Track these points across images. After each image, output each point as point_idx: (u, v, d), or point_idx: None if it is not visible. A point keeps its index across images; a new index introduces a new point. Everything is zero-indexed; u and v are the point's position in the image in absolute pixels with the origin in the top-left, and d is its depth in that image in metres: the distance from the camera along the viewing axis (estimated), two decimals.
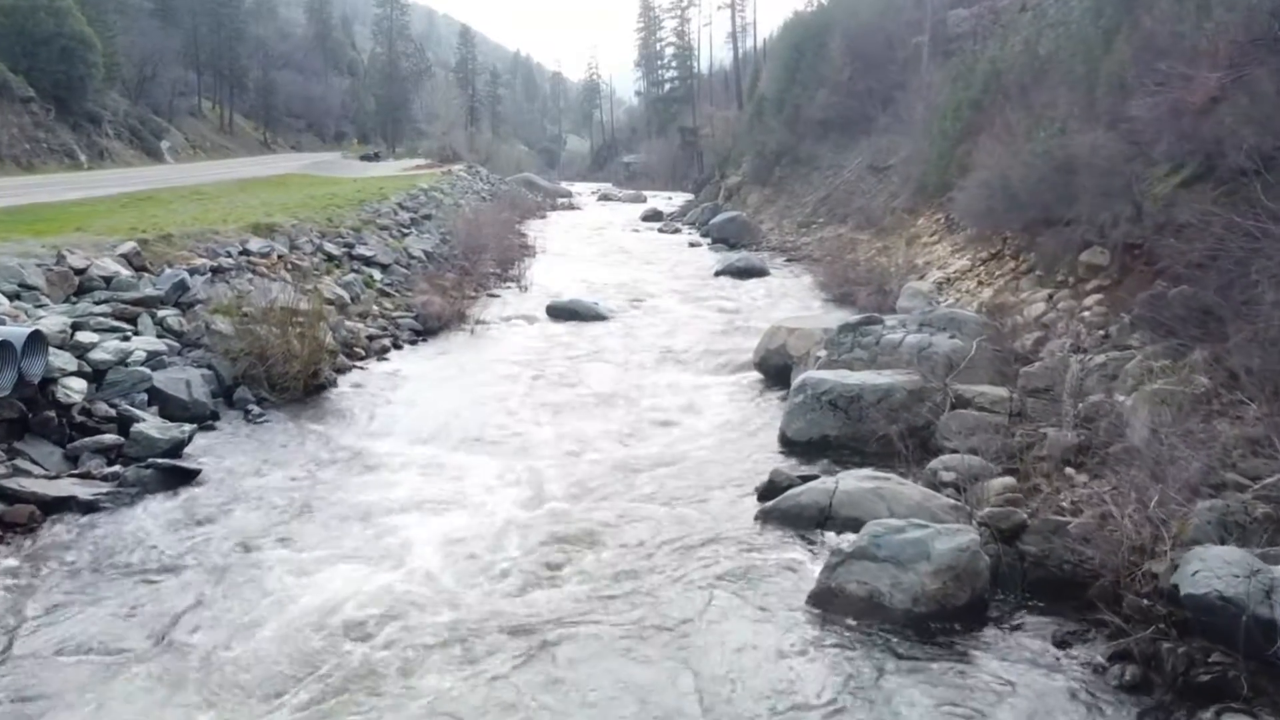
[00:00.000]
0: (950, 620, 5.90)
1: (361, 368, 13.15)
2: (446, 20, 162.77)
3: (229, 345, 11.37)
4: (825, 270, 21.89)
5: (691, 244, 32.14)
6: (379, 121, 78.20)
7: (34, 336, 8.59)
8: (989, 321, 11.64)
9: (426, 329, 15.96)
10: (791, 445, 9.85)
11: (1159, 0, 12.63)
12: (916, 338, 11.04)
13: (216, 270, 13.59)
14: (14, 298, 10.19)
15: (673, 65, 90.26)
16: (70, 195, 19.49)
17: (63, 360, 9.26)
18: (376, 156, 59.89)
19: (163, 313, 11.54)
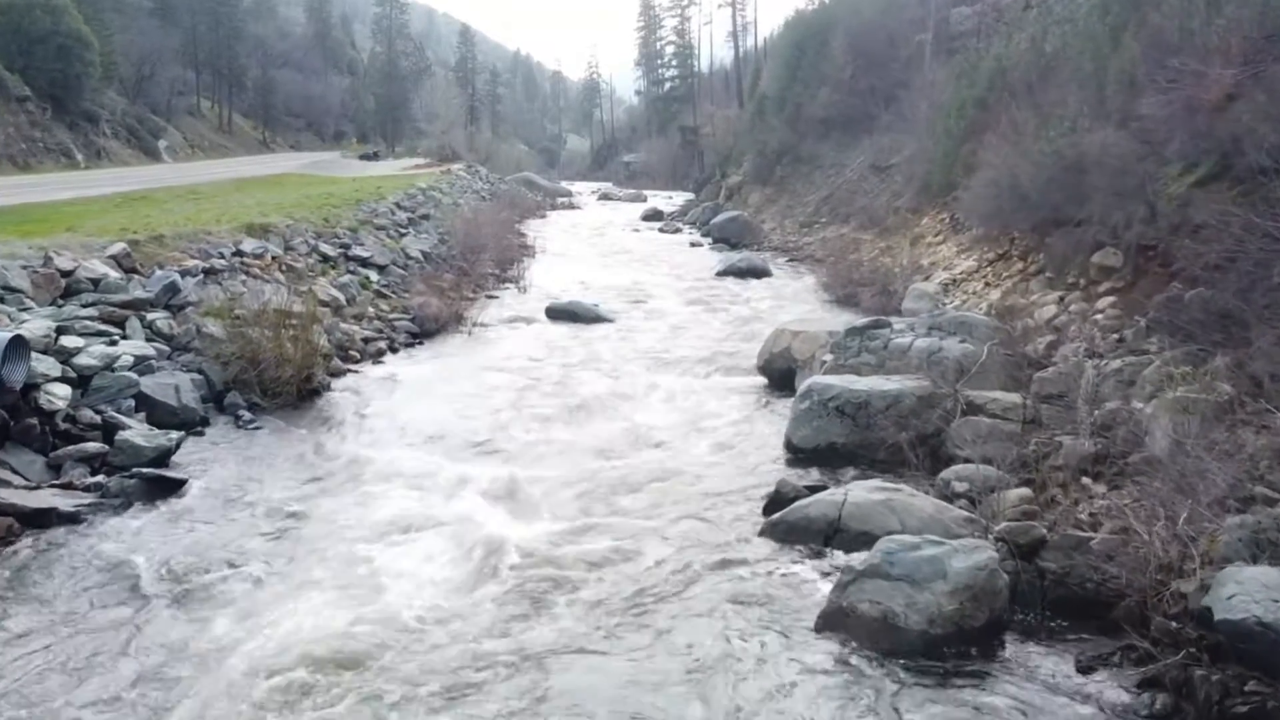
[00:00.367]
0: (967, 643, 5.61)
1: (356, 371, 12.86)
2: (446, 19, 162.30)
3: (220, 349, 11.10)
4: (828, 271, 21.63)
5: (692, 244, 31.88)
6: (378, 121, 77.81)
7: (15, 341, 8.32)
8: (1000, 325, 11.34)
9: (424, 331, 15.68)
10: (797, 453, 9.58)
11: None
12: (926, 342, 10.75)
13: (209, 272, 13.29)
14: None
15: (673, 64, 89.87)
16: (63, 195, 19.19)
17: (46, 365, 8.99)
18: (375, 156, 59.51)
19: (152, 315, 11.25)
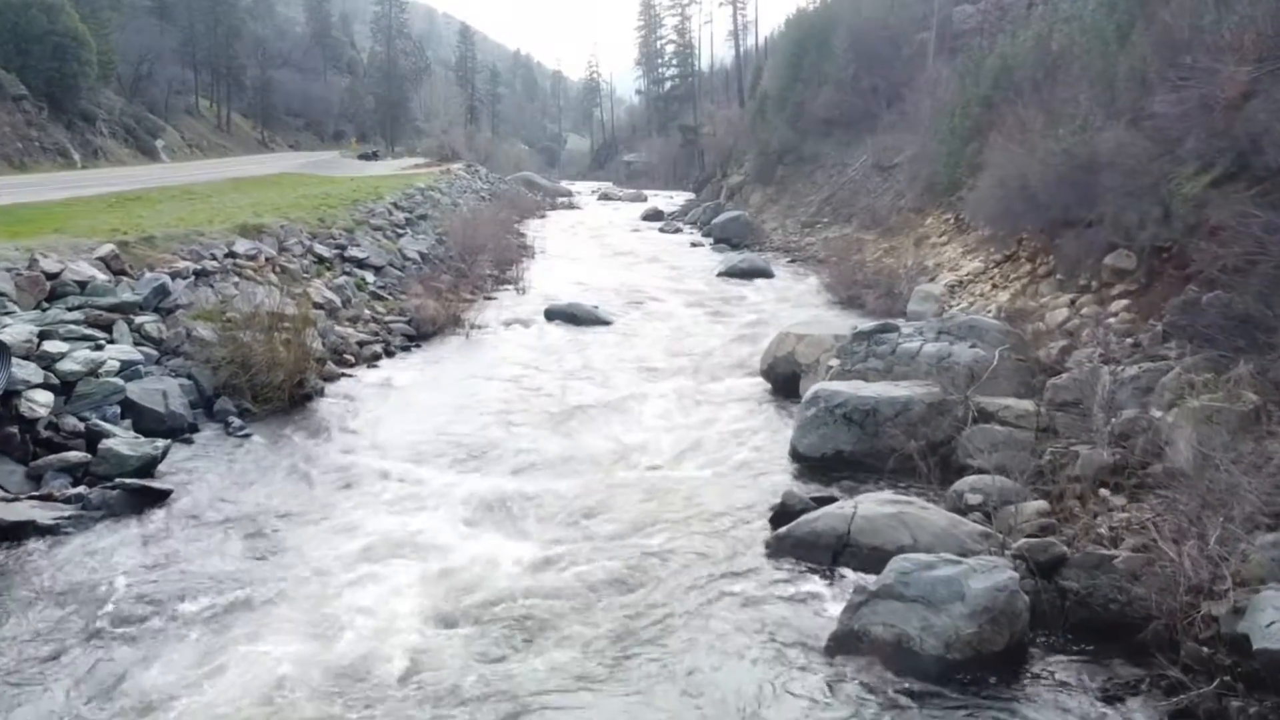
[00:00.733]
0: (986, 668, 5.31)
1: (351, 376, 12.58)
2: (446, 19, 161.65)
3: (211, 353, 10.81)
4: (831, 271, 21.32)
5: (693, 244, 31.60)
6: (378, 120, 77.47)
7: None
8: (1011, 329, 11.04)
9: (420, 334, 15.40)
10: (803, 461, 9.30)
11: None
12: (935, 346, 10.45)
13: (200, 273, 13.00)
14: None
15: (673, 63, 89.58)
16: (56, 195, 18.86)
17: (28, 371, 8.70)
18: (375, 155, 59.13)
19: (140, 319, 10.94)
